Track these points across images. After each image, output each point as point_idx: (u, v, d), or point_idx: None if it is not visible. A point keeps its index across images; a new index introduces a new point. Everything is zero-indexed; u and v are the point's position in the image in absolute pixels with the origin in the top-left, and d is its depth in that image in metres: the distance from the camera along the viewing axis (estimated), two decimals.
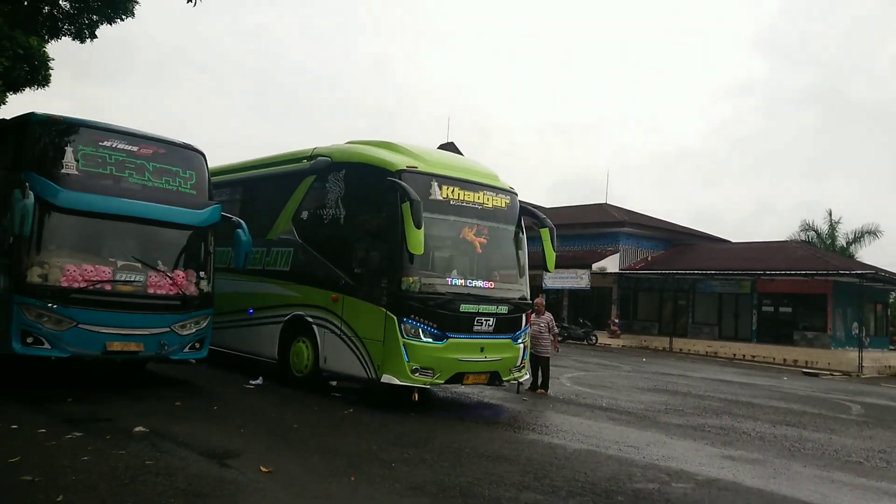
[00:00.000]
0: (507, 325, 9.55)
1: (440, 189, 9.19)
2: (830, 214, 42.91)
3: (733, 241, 38.81)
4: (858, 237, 40.69)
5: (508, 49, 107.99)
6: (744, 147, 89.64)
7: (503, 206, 9.91)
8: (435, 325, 8.78)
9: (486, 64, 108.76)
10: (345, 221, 9.77)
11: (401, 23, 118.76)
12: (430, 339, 8.77)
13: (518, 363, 9.77)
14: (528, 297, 10.26)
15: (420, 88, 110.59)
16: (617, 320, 32.71)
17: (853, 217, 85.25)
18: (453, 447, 7.13)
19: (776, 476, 7.08)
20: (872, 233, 40.16)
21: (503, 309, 9.49)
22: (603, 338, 30.42)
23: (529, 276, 10.49)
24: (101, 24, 13.07)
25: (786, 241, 36.98)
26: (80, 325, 8.40)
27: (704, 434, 9.22)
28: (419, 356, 8.70)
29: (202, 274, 9.60)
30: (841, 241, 41.50)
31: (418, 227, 8.34)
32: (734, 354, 28.37)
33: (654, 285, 33.69)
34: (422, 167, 9.25)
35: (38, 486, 4.87)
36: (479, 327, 9.18)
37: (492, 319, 9.29)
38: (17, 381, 8.92)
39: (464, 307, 9.05)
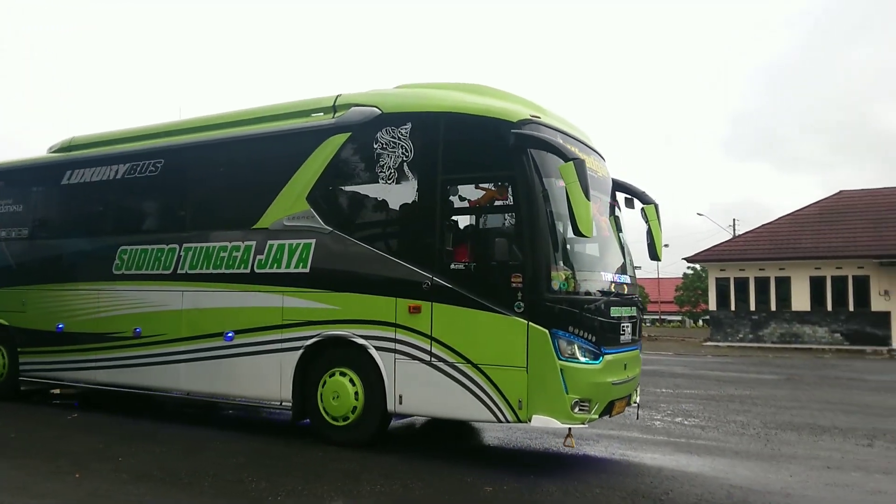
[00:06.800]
0: (636, 331, 7.34)
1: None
2: None
3: None
4: None
5: None
6: None
7: (607, 175, 7.73)
8: (592, 339, 6.34)
9: None
10: (422, 195, 6.94)
11: None
12: (588, 359, 6.30)
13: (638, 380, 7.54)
14: None
15: None
16: None
17: None
18: (183, 435, 7.48)
19: None
20: None
21: (634, 310, 7.29)
22: None
23: None
24: None
25: None
26: None
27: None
28: (578, 384, 6.16)
29: None
30: None
31: (588, 198, 6.03)
32: None
33: None
34: (544, 118, 6.86)
35: None
36: (624, 336, 6.88)
37: (629, 325, 7.03)
38: None
39: (614, 311, 6.74)
